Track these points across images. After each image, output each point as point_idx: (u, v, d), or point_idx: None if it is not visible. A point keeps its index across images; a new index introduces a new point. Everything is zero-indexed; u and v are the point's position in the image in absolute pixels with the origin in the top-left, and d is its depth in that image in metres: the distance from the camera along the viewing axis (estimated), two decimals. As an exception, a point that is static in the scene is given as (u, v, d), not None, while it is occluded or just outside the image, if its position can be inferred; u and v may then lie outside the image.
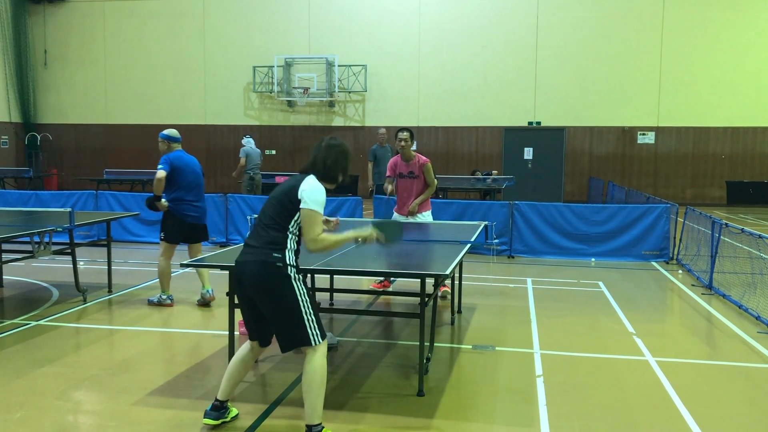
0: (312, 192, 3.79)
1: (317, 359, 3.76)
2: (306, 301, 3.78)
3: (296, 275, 3.80)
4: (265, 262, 3.74)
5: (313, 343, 3.76)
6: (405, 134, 7.38)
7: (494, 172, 17.33)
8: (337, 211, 10.78)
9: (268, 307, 3.79)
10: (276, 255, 3.75)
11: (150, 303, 7.26)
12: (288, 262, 3.78)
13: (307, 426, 3.81)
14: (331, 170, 3.97)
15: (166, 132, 7.27)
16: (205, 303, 7.25)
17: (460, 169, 20.56)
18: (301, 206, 3.78)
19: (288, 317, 3.75)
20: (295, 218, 3.83)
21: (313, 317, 3.78)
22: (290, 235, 3.83)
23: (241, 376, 4.09)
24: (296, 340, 3.78)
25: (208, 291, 7.24)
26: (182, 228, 7.14)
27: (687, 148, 20.71)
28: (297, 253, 3.88)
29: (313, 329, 3.76)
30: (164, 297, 7.25)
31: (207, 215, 7.55)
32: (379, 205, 10.98)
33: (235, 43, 22.27)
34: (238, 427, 4.10)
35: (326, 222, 4.48)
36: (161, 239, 7.18)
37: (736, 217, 16.06)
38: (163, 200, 7.02)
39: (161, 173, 6.89)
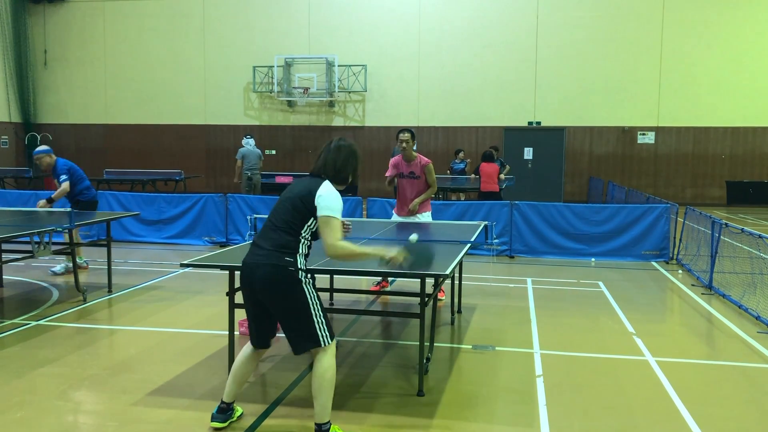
0: (329, 198, 3.79)
1: (327, 359, 3.78)
2: (316, 303, 3.80)
3: (306, 279, 3.81)
4: (276, 266, 3.73)
5: (323, 344, 3.78)
6: (406, 135, 7.35)
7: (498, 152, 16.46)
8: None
9: (278, 309, 3.80)
10: (288, 259, 3.75)
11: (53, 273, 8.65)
12: (299, 266, 3.78)
13: (316, 424, 3.82)
14: (341, 172, 3.96)
15: (45, 147, 8.69)
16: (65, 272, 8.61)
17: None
18: (318, 213, 3.78)
19: (298, 319, 3.76)
20: (308, 223, 3.83)
21: (322, 318, 3.81)
22: (302, 240, 3.83)
23: (246, 377, 4.09)
24: (307, 342, 3.79)
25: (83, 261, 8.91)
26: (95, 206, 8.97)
27: (687, 148, 20.71)
28: (307, 257, 3.89)
29: (322, 330, 3.78)
30: (81, 262, 8.76)
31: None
32: (372, 206, 11.00)
33: (235, 43, 22.27)
34: (238, 427, 4.10)
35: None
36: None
37: (736, 217, 16.07)
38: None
39: (66, 184, 8.42)
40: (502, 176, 13.25)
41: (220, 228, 11.41)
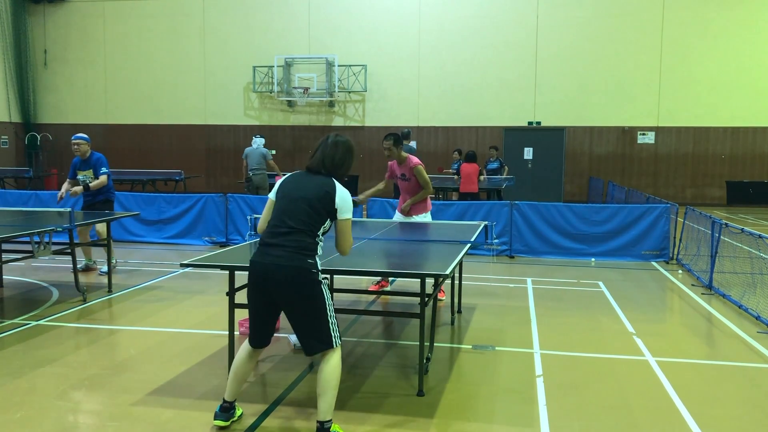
0: (347, 201, 3.92)
1: (336, 359, 3.83)
2: (331, 304, 3.87)
3: (324, 280, 3.87)
4: (300, 268, 3.76)
5: (335, 345, 3.84)
6: (388, 142, 7.23)
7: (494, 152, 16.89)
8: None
9: (296, 311, 3.82)
10: (310, 261, 3.80)
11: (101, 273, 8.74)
12: (319, 268, 3.85)
13: (319, 422, 3.82)
14: (340, 167, 4.03)
15: (86, 135, 9.05)
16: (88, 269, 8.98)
17: (460, 169, 20.54)
18: (339, 217, 3.90)
19: (315, 321, 3.81)
20: (324, 225, 3.90)
21: (335, 320, 3.87)
22: (319, 241, 3.91)
23: (246, 375, 4.10)
24: (321, 344, 3.83)
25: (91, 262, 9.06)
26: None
27: (687, 148, 20.71)
28: (320, 257, 3.96)
29: (335, 332, 3.84)
30: (89, 263, 9.04)
31: None
32: (372, 206, 11.02)
33: (235, 43, 22.26)
34: (239, 427, 4.11)
35: None
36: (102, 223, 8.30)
37: (736, 217, 16.07)
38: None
39: (105, 178, 8.76)
40: (482, 177, 13.22)
41: (220, 228, 11.41)
